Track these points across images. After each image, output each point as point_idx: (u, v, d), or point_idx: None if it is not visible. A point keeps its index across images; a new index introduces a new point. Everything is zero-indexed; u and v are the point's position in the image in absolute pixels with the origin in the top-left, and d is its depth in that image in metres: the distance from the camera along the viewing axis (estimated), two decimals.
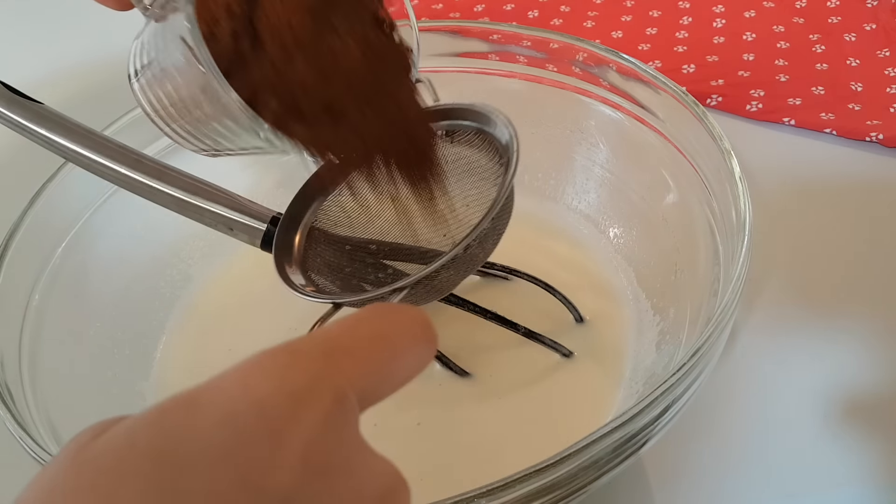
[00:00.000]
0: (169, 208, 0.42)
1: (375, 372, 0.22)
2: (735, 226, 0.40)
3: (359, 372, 0.22)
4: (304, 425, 0.20)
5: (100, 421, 0.21)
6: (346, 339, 0.22)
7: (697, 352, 0.34)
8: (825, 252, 0.52)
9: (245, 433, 0.19)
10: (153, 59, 0.35)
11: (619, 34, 0.72)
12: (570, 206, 0.55)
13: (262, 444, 0.19)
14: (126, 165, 0.41)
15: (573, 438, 0.32)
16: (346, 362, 0.22)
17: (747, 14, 0.72)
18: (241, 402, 0.20)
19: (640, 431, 0.33)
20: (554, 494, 0.32)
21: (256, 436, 0.19)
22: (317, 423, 0.20)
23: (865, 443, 0.42)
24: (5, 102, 0.40)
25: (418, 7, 0.78)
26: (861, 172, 0.57)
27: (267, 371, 0.21)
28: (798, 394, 0.45)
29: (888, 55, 0.65)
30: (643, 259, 0.50)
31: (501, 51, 0.55)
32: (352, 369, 0.22)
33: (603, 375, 0.46)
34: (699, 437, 0.43)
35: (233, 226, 0.43)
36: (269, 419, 0.20)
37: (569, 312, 0.48)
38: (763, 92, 0.63)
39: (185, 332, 0.52)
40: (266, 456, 0.19)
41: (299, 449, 0.20)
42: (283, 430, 0.20)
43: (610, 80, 0.50)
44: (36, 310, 0.45)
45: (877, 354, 0.46)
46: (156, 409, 0.20)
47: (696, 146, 0.45)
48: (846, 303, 0.50)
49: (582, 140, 0.53)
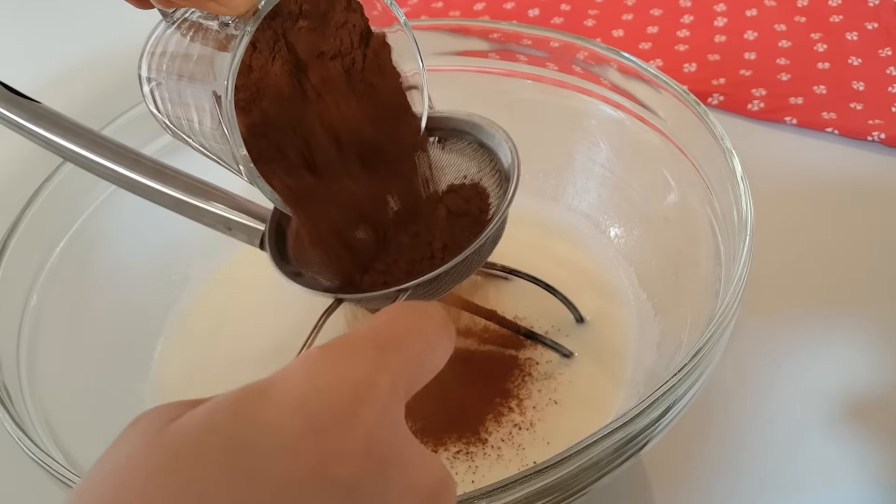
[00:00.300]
0: (167, 208, 0.42)
1: (418, 364, 0.24)
2: (737, 226, 0.40)
3: (405, 364, 0.23)
4: (366, 415, 0.21)
5: (165, 404, 0.22)
6: (392, 333, 0.24)
7: (699, 353, 0.34)
8: (827, 252, 0.52)
9: (313, 421, 0.20)
10: (171, 73, 0.35)
11: (620, 33, 0.72)
12: (571, 205, 0.55)
13: (330, 432, 0.20)
14: (124, 165, 0.41)
15: (574, 439, 0.31)
16: (393, 355, 0.23)
17: (749, 13, 0.71)
18: (308, 391, 0.21)
19: (640, 432, 0.33)
20: (554, 495, 0.32)
21: (324, 424, 0.20)
22: (377, 414, 0.21)
23: (865, 443, 0.42)
24: (3, 102, 0.40)
25: (418, 5, 0.78)
26: (863, 172, 0.57)
27: (330, 362, 0.22)
28: (798, 394, 0.45)
29: (890, 54, 0.65)
30: (644, 259, 0.50)
31: (502, 49, 0.54)
32: (399, 362, 0.23)
33: (604, 376, 0.46)
34: (700, 438, 0.43)
35: (231, 225, 0.42)
36: (335, 408, 0.21)
37: (569, 312, 0.48)
38: (765, 91, 0.63)
39: (184, 332, 0.52)
40: (333, 445, 0.20)
41: (363, 438, 0.21)
42: (348, 419, 0.21)
43: (611, 79, 0.50)
44: (34, 310, 0.45)
45: (877, 354, 0.46)
46: (230, 398, 0.21)
47: (698, 145, 0.45)
48: (848, 303, 0.49)
49: (583, 139, 0.53)
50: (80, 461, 0.38)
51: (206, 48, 0.33)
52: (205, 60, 0.33)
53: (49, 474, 0.34)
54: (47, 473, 0.34)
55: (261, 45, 0.34)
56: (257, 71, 0.34)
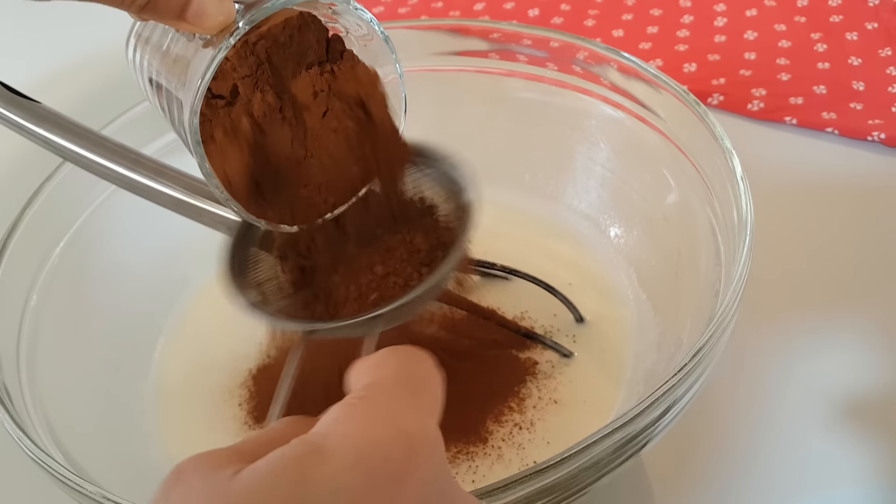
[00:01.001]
0: (167, 208, 0.42)
1: (440, 405, 0.26)
2: (736, 226, 0.40)
3: (435, 405, 0.25)
4: (420, 464, 0.22)
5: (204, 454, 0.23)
6: (413, 377, 0.25)
7: (699, 353, 0.34)
8: (827, 252, 0.52)
9: (372, 476, 0.21)
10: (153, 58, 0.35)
11: (620, 33, 0.72)
12: (571, 205, 0.55)
13: (388, 486, 0.21)
14: (124, 165, 0.41)
15: (574, 439, 0.31)
16: (424, 398, 0.25)
17: (749, 13, 0.71)
18: (365, 447, 0.22)
19: (640, 432, 0.33)
20: (555, 495, 0.32)
21: (382, 478, 0.21)
22: (429, 461, 0.23)
23: (865, 443, 0.42)
24: (3, 102, 0.40)
25: (418, 5, 0.78)
26: (863, 172, 0.57)
27: (378, 414, 0.23)
28: (798, 394, 0.45)
29: (890, 54, 0.65)
30: (644, 259, 0.50)
31: (502, 49, 0.54)
32: (431, 404, 0.25)
33: (603, 376, 0.46)
34: (700, 438, 0.43)
35: (231, 225, 0.42)
36: (391, 462, 0.22)
37: (569, 312, 0.48)
38: (765, 91, 0.63)
39: (184, 332, 0.52)
40: (392, 498, 0.21)
41: (419, 488, 0.22)
42: (404, 471, 0.22)
43: (611, 78, 0.50)
44: (34, 310, 0.45)
45: (877, 354, 0.46)
46: (289, 455, 0.22)
47: (698, 145, 0.45)
48: (847, 303, 0.49)
49: (583, 139, 0.53)
50: (80, 461, 0.38)
51: (186, 49, 0.32)
52: (182, 62, 0.32)
53: (49, 474, 0.34)
54: (47, 473, 0.34)
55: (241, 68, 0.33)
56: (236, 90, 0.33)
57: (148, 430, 0.46)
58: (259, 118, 0.33)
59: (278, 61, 0.33)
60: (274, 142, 0.34)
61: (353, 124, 0.35)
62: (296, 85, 0.34)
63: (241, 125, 0.33)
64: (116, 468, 0.41)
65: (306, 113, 0.34)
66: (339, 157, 0.36)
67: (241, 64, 0.33)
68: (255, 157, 0.34)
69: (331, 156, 0.35)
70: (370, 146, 0.36)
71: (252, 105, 0.33)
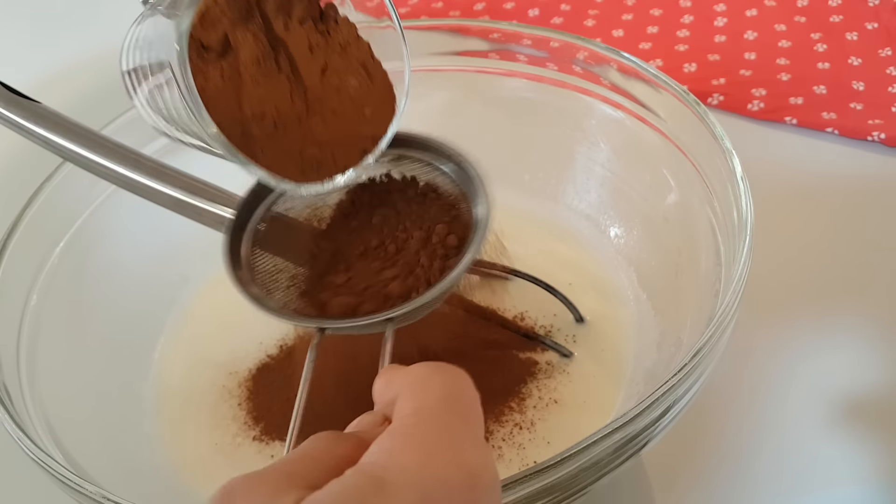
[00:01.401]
0: (167, 208, 0.42)
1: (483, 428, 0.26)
2: (736, 226, 0.40)
3: (481, 428, 0.25)
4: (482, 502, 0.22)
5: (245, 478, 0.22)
6: (460, 402, 0.24)
7: (699, 353, 0.34)
8: (827, 252, 0.52)
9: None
10: (149, 60, 0.35)
11: (620, 33, 0.72)
12: (571, 205, 0.55)
13: None
14: (124, 165, 0.41)
15: (574, 439, 0.31)
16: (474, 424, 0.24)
17: (749, 13, 0.71)
18: (429, 483, 0.21)
19: (640, 432, 0.33)
20: (555, 495, 0.32)
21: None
22: (490, 499, 0.22)
23: (865, 443, 0.42)
24: (3, 102, 0.40)
25: (418, 5, 0.78)
26: (863, 172, 0.57)
27: (441, 449, 0.23)
28: (798, 394, 0.45)
29: (890, 54, 0.65)
30: (644, 259, 0.50)
31: (502, 49, 0.54)
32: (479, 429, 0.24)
33: (603, 376, 0.46)
34: (700, 438, 0.43)
35: (229, 225, 0.42)
36: (455, 500, 0.22)
37: (569, 312, 0.48)
38: (765, 91, 0.63)
39: (184, 332, 0.52)
40: None
41: None
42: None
43: (611, 79, 0.50)
44: (34, 311, 0.45)
45: (877, 354, 0.46)
46: (349, 487, 0.21)
47: (698, 145, 0.45)
48: (847, 303, 0.49)
49: (583, 139, 0.53)
50: (80, 461, 0.38)
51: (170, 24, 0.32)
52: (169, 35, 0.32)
53: (49, 474, 0.34)
54: (47, 473, 0.34)
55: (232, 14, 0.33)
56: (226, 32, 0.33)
57: (148, 430, 0.46)
58: (252, 64, 0.33)
59: (269, 9, 0.34)
60: (271, 92, 0.34)
61: (357, 82, 0.35)
62: (289, 36, 0.34)
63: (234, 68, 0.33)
64: (116, 468, 0.40)
65: (303, 67, 0.34)
66: (343, 115, 0.35)
67: (230, 7, 0.33)
68: (252, 105, 0.34)
69: (334, 113, 0.35)
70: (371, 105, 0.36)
71: (244, 50, 0.33)
